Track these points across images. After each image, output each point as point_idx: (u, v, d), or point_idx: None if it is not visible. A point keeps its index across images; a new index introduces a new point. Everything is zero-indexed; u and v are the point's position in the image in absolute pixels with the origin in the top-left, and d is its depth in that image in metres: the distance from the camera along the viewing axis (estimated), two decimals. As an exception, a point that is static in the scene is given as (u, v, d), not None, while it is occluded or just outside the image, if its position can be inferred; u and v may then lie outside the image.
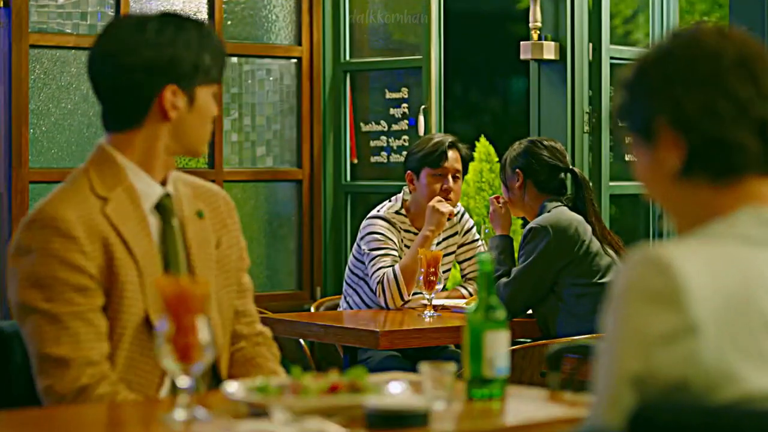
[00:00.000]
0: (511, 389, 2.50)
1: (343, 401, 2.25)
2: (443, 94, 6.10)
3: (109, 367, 2.57)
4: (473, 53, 12.14)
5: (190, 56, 2.66)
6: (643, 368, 1.64)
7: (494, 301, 2.47)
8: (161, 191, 2.71)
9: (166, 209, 2.71)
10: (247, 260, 2.91)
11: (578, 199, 4.66)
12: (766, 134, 1.75)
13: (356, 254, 5.06)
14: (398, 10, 6.30)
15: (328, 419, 2.15)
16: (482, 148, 7.45)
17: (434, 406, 2.26)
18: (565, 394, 2.71)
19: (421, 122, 6.01)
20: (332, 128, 6.40)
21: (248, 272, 2.93)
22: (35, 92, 5.55)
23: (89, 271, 2.56)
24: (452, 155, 4.98)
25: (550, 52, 5.67)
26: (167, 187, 2.73)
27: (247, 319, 2.89)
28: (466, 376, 2.45)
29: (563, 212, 4.58)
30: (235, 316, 2.85)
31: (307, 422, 2.10)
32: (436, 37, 6.06)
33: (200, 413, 2.24)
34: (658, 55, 1.81)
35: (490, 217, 4.86)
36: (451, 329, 4.42)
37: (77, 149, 5.62)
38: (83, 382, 2.52)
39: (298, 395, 2.27)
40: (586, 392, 2.47)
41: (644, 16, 6.43)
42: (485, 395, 2.43)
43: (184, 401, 2.23)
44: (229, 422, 2.20)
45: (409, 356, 4.87)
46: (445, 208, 4.88)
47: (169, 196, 2.72)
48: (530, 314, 4.62)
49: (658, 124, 1.78)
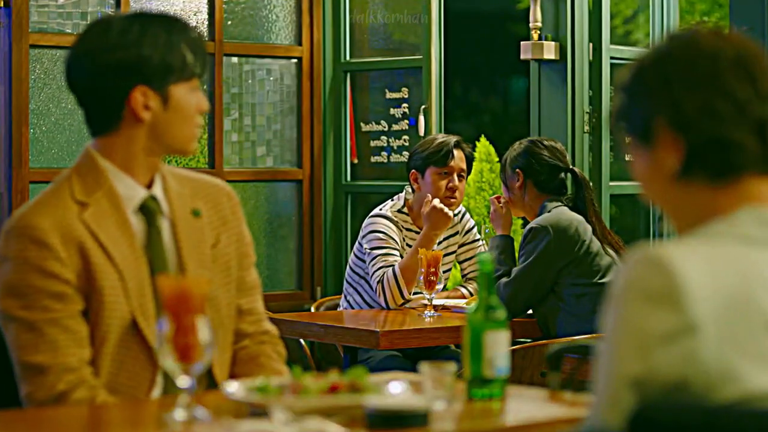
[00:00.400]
0: (511, 389, 2.50)
1: (343, 401, 2.25)
2: (443, 94, 6.10)
3: (90, 372, 2.55)
4: (473, 53, 12.14)
5: (157, 55, 2.61)
6: (642, 368, 1.64)
7: (494, 301, 2.47)
8: (144, 193, 2.68)
9: (150, 211, 2.68)
10: (252, 256, 2.87)
11: (578, 199, 4.66)
12: (764, 134, 1.75)
13: (357, 253, 5.05)
14: (398, 10, 6.30)
15: (328, 419, 2.15)
16: (482, 148, 7.43)
17: (434, 406, 2.26)
18: (565, 394, 2.71)
19: (421, 122, 6.00)
20: (332, 128, 6.40)
21: (251, 271, 2.88)
22: (35, 92, 5.55)
23: (65, 277, 2.55)
24: (458, 154, 4.99)
25: (550, 52, 5.67)
26: (153, 188, 2.70)
27: (252, 317, 2.85)
28: (466, 376, 2.45)
29: (563, 212, 4.58)
30: (238, 314, 2.82)
31: (307, 422, 2.10)
32: (436, 37, 6.05)
33: (200, 413, 2.24)
34: (656, 56, 1.81)
35: (490, 217, 4.86)
36: (451, 329, 4.42)
37: (77, 149, 5.60)
38: (60, 388, 2.51)
39: (298, 395, 2.27)
40: (586, 392, 2.47)
41: (644, 16, 6.43)
42: (485, 395, 2.43)
43: (184, 401, 2.23)
44: (229, 422, 2.20)
45: (409, 356, 4.87)
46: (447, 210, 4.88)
47: (154, 198, 2.69)
48: (530, 314, 4.61)
49: (656, 125, 1.78)
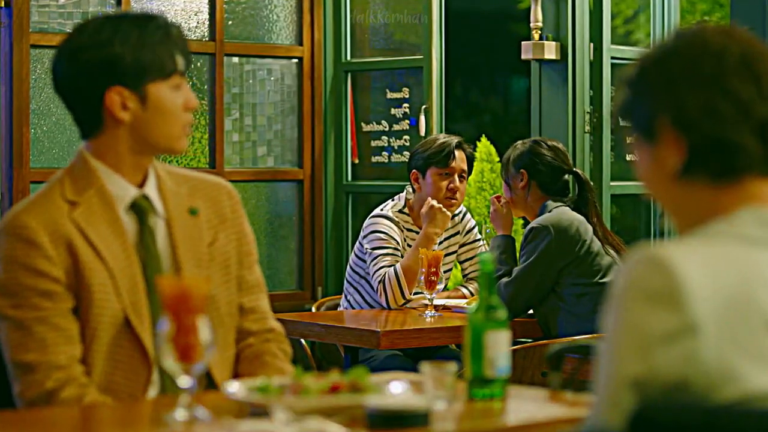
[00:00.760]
0: (511, 389, 2.50)
1: (344, 401, 2.25)
2: (444, 93, 6.10)
3: (80, 370, 2.54)
4: (474, 53, 12.14)
5: (129, 54, 2.60)
6: (643, 369, 1.64)
7: (495, 301, 2.47)
8: (135, 192, 2.67)
9: (141, 210, 2.67)
10: (254, 255, 2.84)
11: (580, 200, 4.66)
12: (766, 135, 1.75)
13: (358, 252, 5.05)
14: (399, 9, 6.30)
15: (328, 419, 2.15)
16: (483, 147, 7.44)
17: (435, 406, 2.26)
18: (565, 394, 2.71)
19: (422, 122, 6.00)
20: (333, 128, 6.40)
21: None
22: (36, 92, 5.55)
23: (54, 275, 2.55)
24: (459, 155, 4.99)
25: (551, 52, 5.67)
26: (145, 187, 2.69)
27: (255, 315, 2.81)
28: (467, 376, 2.45)
29: (564, 212, 4.58)
30: (242, 313, 2.79)
31: (307, 422, 2.10)
32: (437, 36, 6.05)
33: (201, 413, 2.24)
34: (661, 54, 1.80)
35: (491, 217, 4.86)
36: (452, 329, 4.42)
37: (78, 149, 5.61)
38: (49, 386, 2.50)
39: (298, 395, 2.26)
40: (586, 392, 2.47)
41: (645, 16, 6.42)
42: (486, 395, 2.43)
43: (184, 401, 2.23)
44: (229, 422, 2.20)
45: (411, 356, 4.87)
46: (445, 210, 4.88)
47: (146, 197, 2.68)
48: (531, 314, 4.61)
49: (659, 123, 1.77)
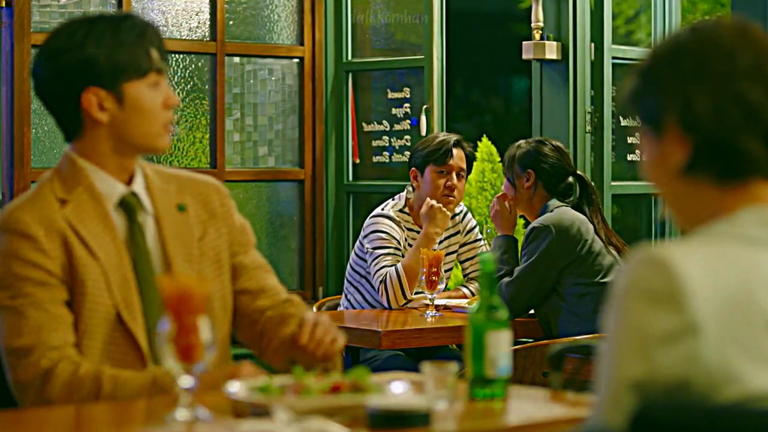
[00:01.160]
0: (513, 389, 2.50)
1: (345, 401, 2.25)
2: (445, 93, 6.10)
3: (74, 352, 2.55)
4: (475, 53, 12.13)
5: (103, 54, 2.61)
6: (644, 369, 1.63)
7: (496, 300, 2.47)
8: (123, 190, 2.69)
9: (130, 207, 2.69)
10: (250, 238, 2.90)
11: (582, 200, 4.66)
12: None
13: (358, 252, 5.05)
14: (400, 9, 6.30)
15: (330, 419, 2.15)
16: (484, 147, 7.42)
17: (436, 406, 2.26)
18: (567, 394, 2.71)
19: (423, 122, 6.00)
20: (334, 128, 6.40)
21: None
22: (37, 92, 5.55)
23: (48, 267, 2.57)
24: (457, 153, 4.99)
25: (552, 51, 5.67)
26: (133, 185, 2.71)
27: (265, 293, 2.86)
28: (468, 376, 2.45)
29: (566, 212, 4.58)
30: (249, 296, 2.84)
31: (309, 422, 2.10)
32: (438, 36, 6.05)
33: (201, 413, 2.24)
34: (674, 49, 1.78)
35: (491, 216, 4.85)
36: (452, 329, 4.42)
37: (79, 149, 5.61)
38: (44, 365, 2.52)
39: (300, 395, 2.26)
40: (588, 392, 2.47)
41: (646, 16, 6.42)
42: (487, 395, 2.43)
43: (185, 401, 2.23)
44: (230, 422, 2.20)
45: (412, 355, 4.87)
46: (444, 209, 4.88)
47: (134, 194, 2.70)
48: (532, 314, 4.61)
49: (666, 119, 1.76)
